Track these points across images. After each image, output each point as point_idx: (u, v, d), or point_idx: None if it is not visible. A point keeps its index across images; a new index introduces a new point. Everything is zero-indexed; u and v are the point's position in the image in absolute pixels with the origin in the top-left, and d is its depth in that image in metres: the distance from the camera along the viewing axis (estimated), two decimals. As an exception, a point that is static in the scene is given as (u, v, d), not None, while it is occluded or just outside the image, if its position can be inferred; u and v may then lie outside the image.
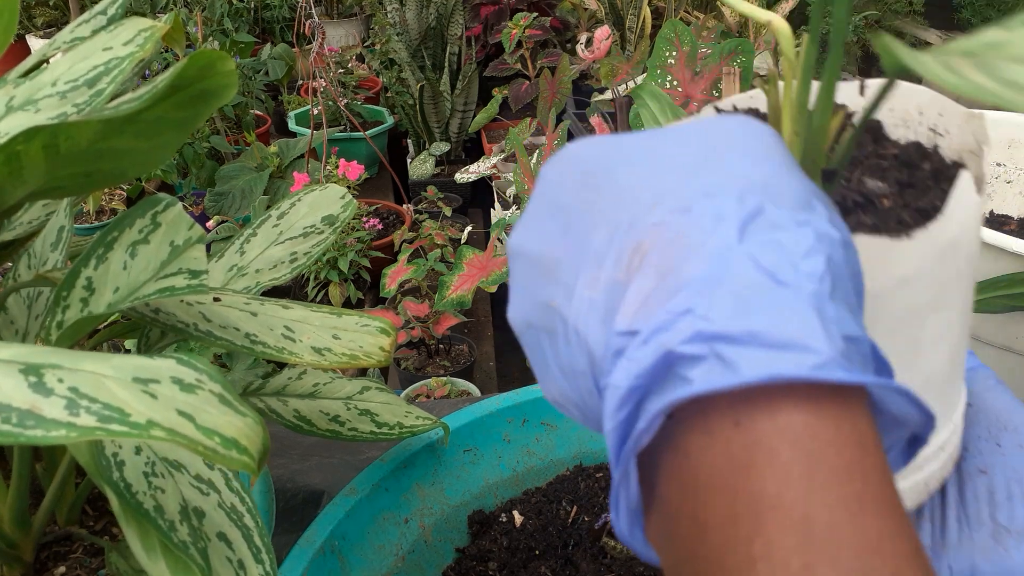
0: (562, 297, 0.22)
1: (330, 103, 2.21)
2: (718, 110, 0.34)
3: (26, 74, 0.44)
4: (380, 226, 1.77)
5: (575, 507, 0.63)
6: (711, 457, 0.19)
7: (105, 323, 0.52)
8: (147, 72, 1.90)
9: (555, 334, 0.23)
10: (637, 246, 0.21)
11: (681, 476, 0.20)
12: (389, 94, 2.44)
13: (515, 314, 0.25)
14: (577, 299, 0.22)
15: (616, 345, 0.20)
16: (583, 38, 1.78)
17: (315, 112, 2.07)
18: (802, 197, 0.21)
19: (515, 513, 0.63)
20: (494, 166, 1.83)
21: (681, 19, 2.33)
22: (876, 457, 0.19)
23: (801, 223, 0.20)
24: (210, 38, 2.21)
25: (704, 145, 0.22)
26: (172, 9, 2.45)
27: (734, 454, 0.18)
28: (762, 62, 2.00)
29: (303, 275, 1.64)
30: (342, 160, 1.71)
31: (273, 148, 1.99)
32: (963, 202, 0.27)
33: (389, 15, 2.37)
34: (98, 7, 0.53)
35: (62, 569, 0.53)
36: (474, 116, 2.33)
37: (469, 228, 1.68)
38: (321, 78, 1.97)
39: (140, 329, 0.52)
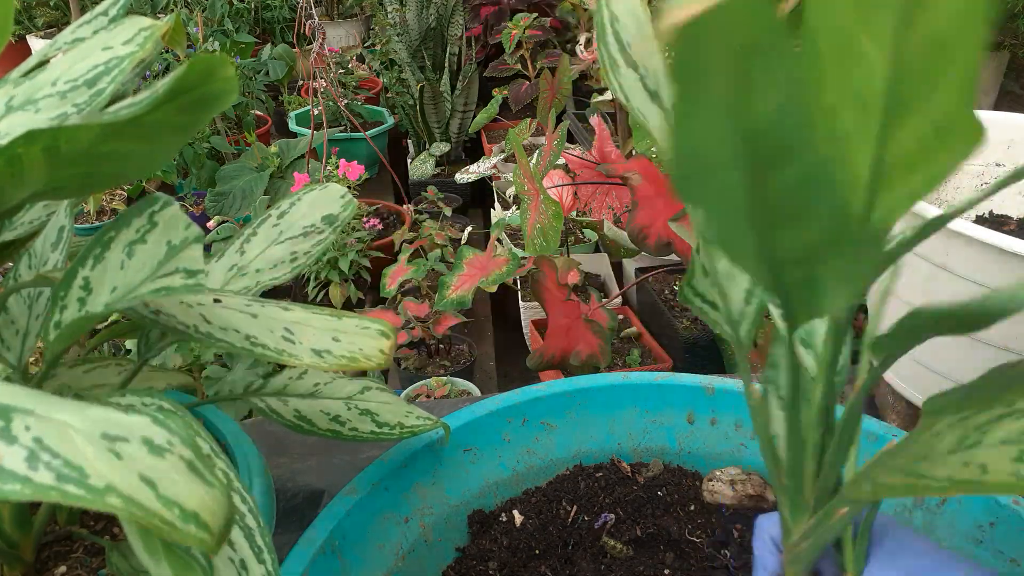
0: None
1: (330, 103, 2.21)
2: None
3: (26, 74, 0.44)
4: (380, 226, 1.77)
5: (575, 507, 0.63)
6: None
7: (106, 323, 0.52)
8: (148, 73, 1.90)
9: None
10: None
11: None
12: (389, 94, 2.44)
13: None
14: None
15: None
16: (583, 38, 1.78)
17: (315, 112, 2.07)
18: None
19: (515, 513, 0.63)
20: (494, 166, 1.83)
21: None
22: None
23: None
24: (210, 38, 2.21)
25: None
26: (173, 10, 2.45)
27: None
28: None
29: (304, 275, 1.64)
30: (342, 160, 1.71)
31: (273, 148, 1.99)
32: None
33: (389, 15, 2.37)
34: (99, 8, 0.53)
35: (63, 569, 0.53)
36: (474, 116, 2.33)
37: (469, 228, 1.68)
38: (321, 78, 1.97)
39: (140, 330, 0.52)
